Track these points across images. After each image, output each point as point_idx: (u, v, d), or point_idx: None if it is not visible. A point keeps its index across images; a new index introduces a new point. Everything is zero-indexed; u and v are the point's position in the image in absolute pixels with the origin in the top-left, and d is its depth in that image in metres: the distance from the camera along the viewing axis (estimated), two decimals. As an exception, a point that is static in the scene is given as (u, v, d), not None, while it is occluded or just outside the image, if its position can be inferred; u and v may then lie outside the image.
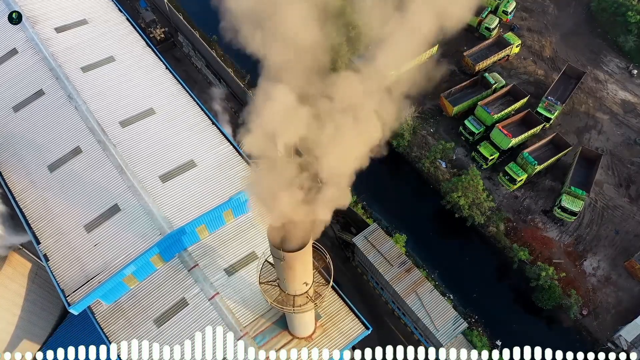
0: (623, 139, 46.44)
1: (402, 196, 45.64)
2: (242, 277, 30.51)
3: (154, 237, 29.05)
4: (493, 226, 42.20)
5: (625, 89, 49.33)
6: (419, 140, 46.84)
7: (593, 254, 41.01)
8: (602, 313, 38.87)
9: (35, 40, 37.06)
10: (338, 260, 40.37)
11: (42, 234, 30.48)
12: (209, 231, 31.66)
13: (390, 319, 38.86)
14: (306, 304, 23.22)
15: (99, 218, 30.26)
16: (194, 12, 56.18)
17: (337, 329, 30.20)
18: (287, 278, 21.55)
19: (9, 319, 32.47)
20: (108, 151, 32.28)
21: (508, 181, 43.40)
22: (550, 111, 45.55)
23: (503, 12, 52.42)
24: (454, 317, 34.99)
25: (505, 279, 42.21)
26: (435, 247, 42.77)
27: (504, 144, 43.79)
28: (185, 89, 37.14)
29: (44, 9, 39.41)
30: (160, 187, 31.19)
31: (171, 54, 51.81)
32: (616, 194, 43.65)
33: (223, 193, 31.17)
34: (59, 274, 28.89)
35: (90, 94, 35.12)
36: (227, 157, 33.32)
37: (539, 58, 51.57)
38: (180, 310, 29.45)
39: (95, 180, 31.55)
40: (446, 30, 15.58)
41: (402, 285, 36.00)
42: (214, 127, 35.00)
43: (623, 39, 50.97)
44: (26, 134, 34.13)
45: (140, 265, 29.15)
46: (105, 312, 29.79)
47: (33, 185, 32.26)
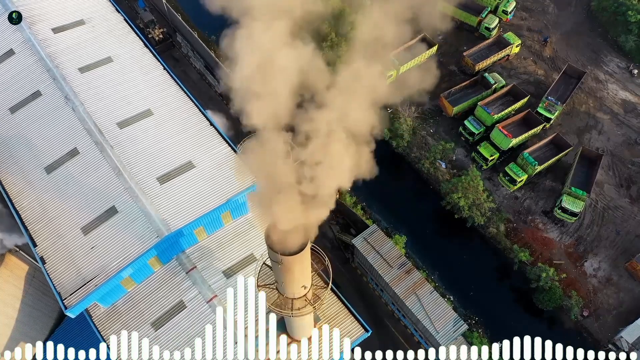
0: (624, 139, 46.22)
1: (401, 197, 45.41)
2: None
3: (152, 239, 28.86)
4: (493, 227, 41.99)
5: (626, 89, 49.11)
6: (419, 140, 46.61)
7: (594, 255, 40.79)
8: (603, 314, 38.65)
9: (32, 41, 36.86)
10: (337, 262, 40.13)
11: (39, 236, 30.31)
12: (207, 233, 31.48)
13: (390, 320, 38.64)
14: (305, 307, 23.01)
15: (96, 220, 30.10)
16: (192, 12, 55.98)
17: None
18: (285, 281, 21.34)
19: (6, 321, 32.27)
20: (105, 153, 32.09)
21: (508, 182, 43.18)
22: (550, 111, 45.32)
23: (503, 12, 52.18)
24: (454, 318, 34.77)
25: (505, 280, 42.00)
26: (435, 248, 42.55)
27: (504, 144, 43.57)
28: (183, 89, 36.94)
29: (41, 10, 39.21)
30: (158, 188, 31.00)
31: (170, 54, 51.54)
32: (617, 195, 43.43)
33: (221, 195, 30.97)
34: (55, 277, 28.71)
35: (87, 95, 34.96)
36: (225, 158, 33.13)
37: (539, 58, 51.36)
38: (178, 313, 29.30)
39: (92, 182, 31.38)
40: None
41: (401, 287, 35.77)
42: (212, 128, 34.81)
43: (623, 39, 50.75)
44: (23, 136, 33.96)
45: (137, 268, 28.97)
46: (102, 315, 29.64)
47: (30, 187, 32.10)
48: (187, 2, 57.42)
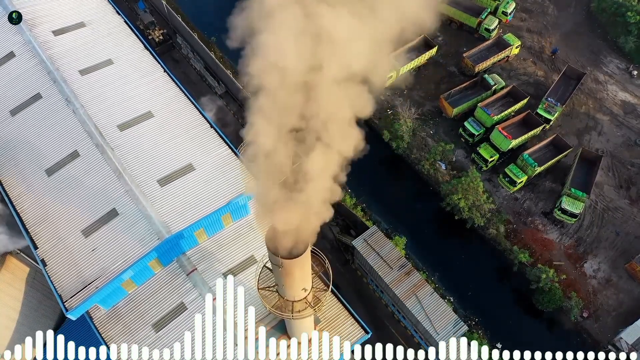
0: (623, 140, 46.25)
1: (401, 198, 45.45)
2: (241, 282, 30.36)
3: (152, 241, 28.93)
4: (493, 228, 42.04)
5: (626, 90, 49.15)
6: (419, 141, 46.66)
7: (594, 256, 40.84)
8: (603, 315, 38.70)
9: (32, 43, 36.94)
10: (337, 263, 40.20)
11: (40, 238, 30.38)
12: (207, 235, 31.52)
13: (390, 321, 38.69)
14: (305, 310, 23.07)
15: (96, 222, 30.17)
16: (192, 13, 56.09)
17: (336, 333, 30.08)
18: (285, 284, 21.40)
19: (7, 323, 32.30)
20: (106, 155, 32.16)
21: (508, 183, 43.23)
22: (550, 112, 45.38)
23: (502, 13, 52.22)
24: (454, 320, 34.82)
25: (505, 281, 42.06)
26: (435, 250, 42.59)
27: (503, 145, 43.62)
28: (184, 91, 37.00)
29: (41, 12, 39.29)
30: (159, 191, 31.06)
31: (170, 56, 51.60)
32: (617, 196, 43.47)
33: (222, 196, 31.04)
34: (56, 279, 28.79)
35: (88, 97, 35.03)
36: (225, 160, 33.20)
37: (539, 59, 51.40)
38: (179, 315, 29.35)
39: (93, 184, 31.45)
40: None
41: (401, 288, 35.81)
42: (212, 130, 34.87)
43: (623, 40, 50.79)
44: (24, 138, 34.04)
45: (138, 270, 29.02)
46: (103, 317, 29.68)
47: (30, 189, 32.17)
48: (187, 4, 57.55)
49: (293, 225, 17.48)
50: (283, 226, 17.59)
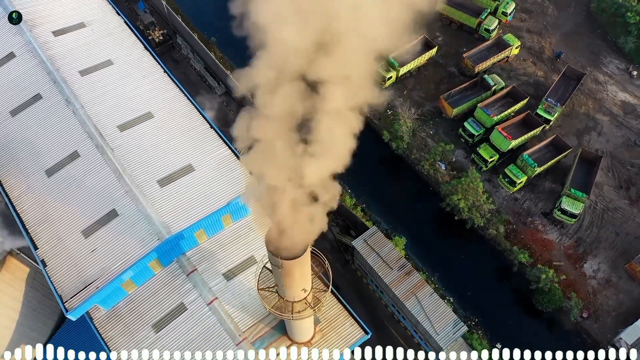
0: (623, 140, 46.26)
1: (401, 198, 45.47)
2: (241, 282, 30.40)
3: (152, 242, 28.94)
4: (493, 228, 42.05)
5: (625, 90, 49.16)
6: (419, 142, 46.67)
7: (593, 256, 40.85)
8: (603, 316, 38.72)
9: (32, 44, 36.93)
10: (337, 264, 40.21)
11: (40, 239, 30.39)
12: (207, 235, 31.54)
13: (390, 322, 38.70)
14: (305, 310, 23.09)
15: (96, 223, 30.19)
16: (192, 14, 56.08)
17: (336, 333, 30.11)
18: (285, 285, 21.42)
19: (7, 323, 32.36)
20: (106, 155, 32.16)
21: (508, 183, 43.24)
22: (550, 113, 45.40)
23: (502, 14, 52.23)
24: (453, 320, 34.83)
25: (505, 281, 42.07)
26: (435, 250, 42.61)
27: (503, 145, 43.64)
28: (184, 92, 37.00)
29: (41, 12, 39.28)
30: (159, 191, 31.07)
31: (170, 56, 51.62)
32: (616, 196, 43.48)
33: (221, 197, 31.05)
34: (56, 280, 28.80)
35: (88, 97, 35.03)
36: (225, 161, 33.21)
37: (539, 59, 51.41)
38: (179, 315, 29.38)
39: (93, 185, 31.46)
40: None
41: (401, 289, 35.83)
42: (212, 130, 34.90)
43: (623, 40, 50.79)
44: (24, 139, 34.04)
45: (138, 271, 29.04)
46: (103, 317, 29.70)
47: (30, 190, 32.17)
48: (187, 4, 57.54)
49: (292, 225, 17.51)
50: (283, 225, 17.62)
